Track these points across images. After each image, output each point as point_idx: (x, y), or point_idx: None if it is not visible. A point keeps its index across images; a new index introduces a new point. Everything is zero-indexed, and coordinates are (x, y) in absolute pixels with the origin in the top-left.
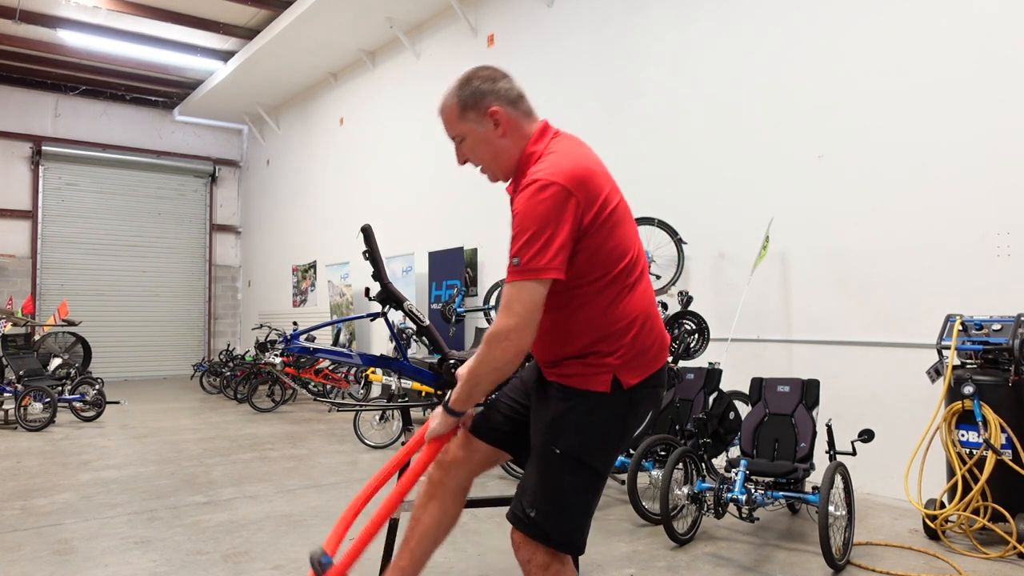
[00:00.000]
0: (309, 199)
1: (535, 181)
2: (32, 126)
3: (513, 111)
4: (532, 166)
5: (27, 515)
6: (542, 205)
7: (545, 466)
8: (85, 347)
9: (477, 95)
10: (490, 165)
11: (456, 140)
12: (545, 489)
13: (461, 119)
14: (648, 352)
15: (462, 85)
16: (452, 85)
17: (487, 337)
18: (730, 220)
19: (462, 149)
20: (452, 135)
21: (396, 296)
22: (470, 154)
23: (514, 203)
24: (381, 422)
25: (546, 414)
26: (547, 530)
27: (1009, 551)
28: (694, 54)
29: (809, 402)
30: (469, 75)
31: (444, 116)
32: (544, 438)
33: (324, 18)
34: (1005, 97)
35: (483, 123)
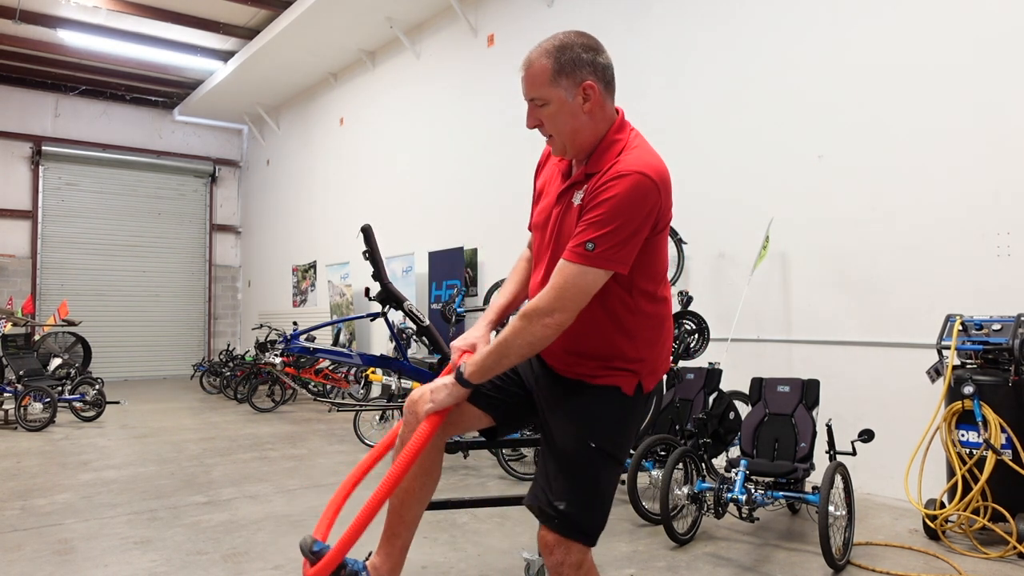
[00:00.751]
0: (309, 199)
1: (633, 173)
2: (32, 126)
3: (604, 90)
4: (618, 155)
5: (27, 515)
6: (636, 199)
7: (577, 459)
8: (85, 347)
9: (576, 63)
10: (566, 138)
11: (536, 102)
12: (578, 482)
13: (552, 83)
14: (666, 361)
15: (561, 48)
16: (547, 44)
17: (526, 312)
18: (730, 220)
19: (540, 113)
20: (534, 96)
21: (396, 296)
22: (548, 120)
23: (600, 187)
24: (381, 422)
25: (576, 408)
26: (580, 522)
27: (1009, 551)
28: (694, 54)
29: (809, 402)
30: (569, 39)
31: (531, 74)
32: (578, 432)
33: (324, 18)
34: (1005, 97)
35: (573, 94)
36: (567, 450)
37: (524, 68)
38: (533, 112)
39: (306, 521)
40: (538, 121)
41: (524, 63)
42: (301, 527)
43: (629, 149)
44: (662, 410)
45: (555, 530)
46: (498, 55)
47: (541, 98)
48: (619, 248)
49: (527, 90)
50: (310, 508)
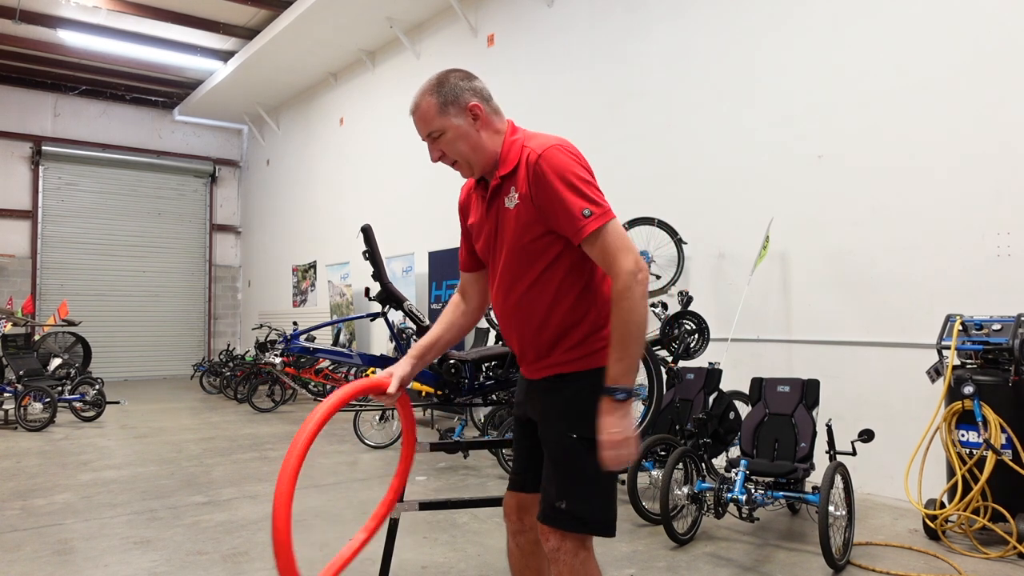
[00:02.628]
0: (309, 199)
1: (548, 146)
2: (32, 126)
3: (487, 107)
4: (523, 148)
5: (27, 515)
6: (570, 160)
7: (564, 455)
8: (85, 347)
9: (456, 91)
10: (468, 158)
11: (433, 136)
12: (569, 477)
13: (441, 114)
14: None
15: (439, 83)
16: (426, 85)
17: (621, 290)
18: (730, 220)
19: (438, 145)
20: (428, 131)
21: (396, 296)
22: (448, 148)
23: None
24: (381, 422)
25: (552, 406)
26: (580, 515)
27: (1009, 551)
28: (694, 54)
29: (809, 402)
30: (443, 75)
31: (420, 113)
32: (557, 428)
33: (324, 18)
34: (1005, 97)
35: (463, 118)
36: (556, 450)
37: (413, 112)
38: (433, 147)
39: (306, 521)
40: (440, 152)
41: (412, 108)
42: (301, 527)
43: (528, 139)
44: (662, 410)
45: (556, 527)
46: (498, 55)
47: (437, 130)
48: (601, 197)
49: (422, 129)
50: (310, 508)
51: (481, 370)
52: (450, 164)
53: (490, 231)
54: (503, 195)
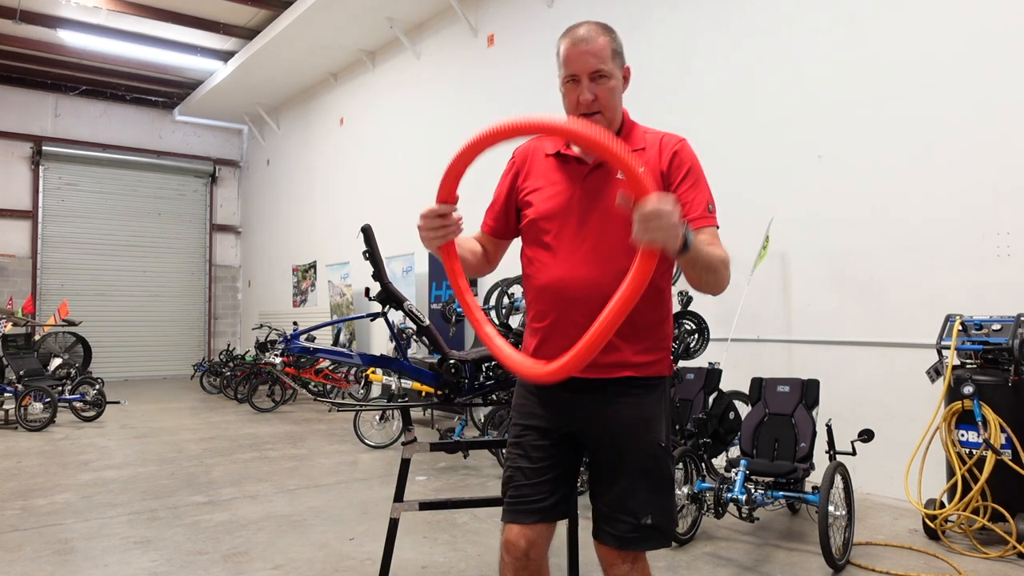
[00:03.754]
0: (309, 199)
1: (684, 139)
2: (32, 126)
3: None
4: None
5: (27, 515)
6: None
7: (651, 464)
8: (85, 347)
9: (621, 47)
10: (614, 114)
11: (595, 76)
12: (658, 487)
13: (613, 59)
14: None
15: (611, 31)
16: (597, 24)
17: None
18: (730, 220)
19: (599, 87)
20: (598, 68)
21: (396, 296)
22: (606, 95)
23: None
24: (381, 422)
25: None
26: (666, 528)
27: (1009, 551)
28: (694, 55)
29: (809, 402)
30: (608, 26)
31: (596, 48)
32: (645, 437)
33: (324, 18)
34: (1005, 97)
35: (621, 75)
36: (642, 460)
37: (582, 42)
38: (592, 86)
39: (307, 521)
40: (594, 95)
41: (580, 36)
42: (301, 527)
43: (647, 128)
44: None
45: (640, 548)
46: (498, 55)
47: (607, 72)
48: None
49: (592, 63)
50: (310, 508)
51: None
52: (590, 113)
53: (579, 197)
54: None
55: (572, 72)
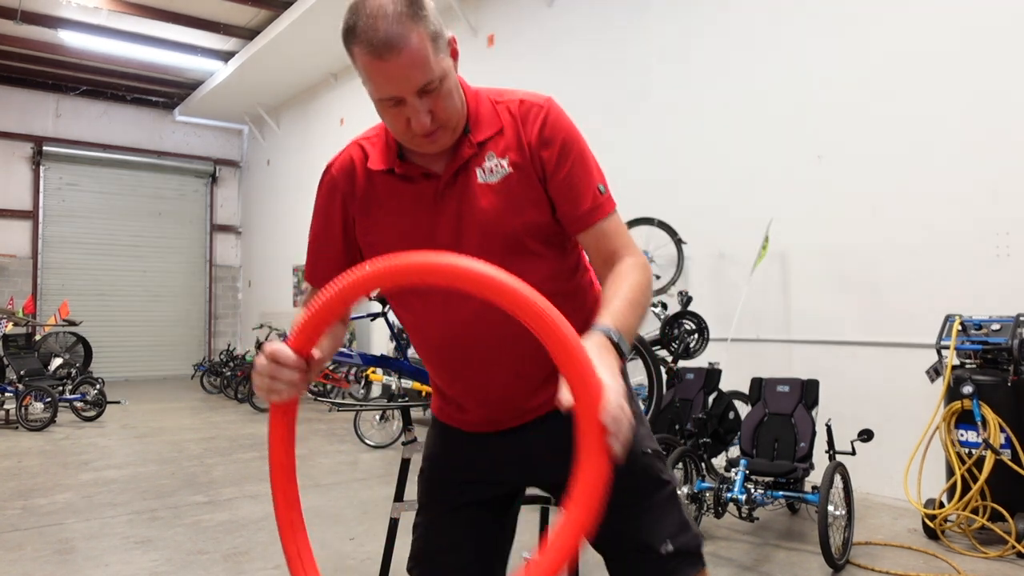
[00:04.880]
0: (309, 199)
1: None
2: (33, 126)
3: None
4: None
5: (28, 515)
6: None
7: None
8: (86, 347)
9: (435, 15)
10: (458, 116)
11: (428, 89)
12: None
13: (435, 52)
14: None
15: (416, 3)
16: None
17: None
18: (730, 220)
19: (435, 99)
20: (427, 81)
21: None
22: (444, 104)
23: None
24: (381, 422)
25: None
26: (691, 547)
27: (1008, 551)
28: (694, 54)
29: (809, 402)
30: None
31: (411, 57)
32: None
33: (324, 18)
34: (1005, 97)
35: (448, 56)
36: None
37: (388, 50)
38: (422, 105)
39: (307, 521)
40: (432, 111)
41: (382, 41)
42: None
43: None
44: (662, 410)
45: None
46: (498, 55)
47: (436, 78)
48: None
49: (416, 78)
50: (311, 508)
51: None
52: (426, 132)
53: (440, 222)
54: (475, 166)
55: (390, 95)
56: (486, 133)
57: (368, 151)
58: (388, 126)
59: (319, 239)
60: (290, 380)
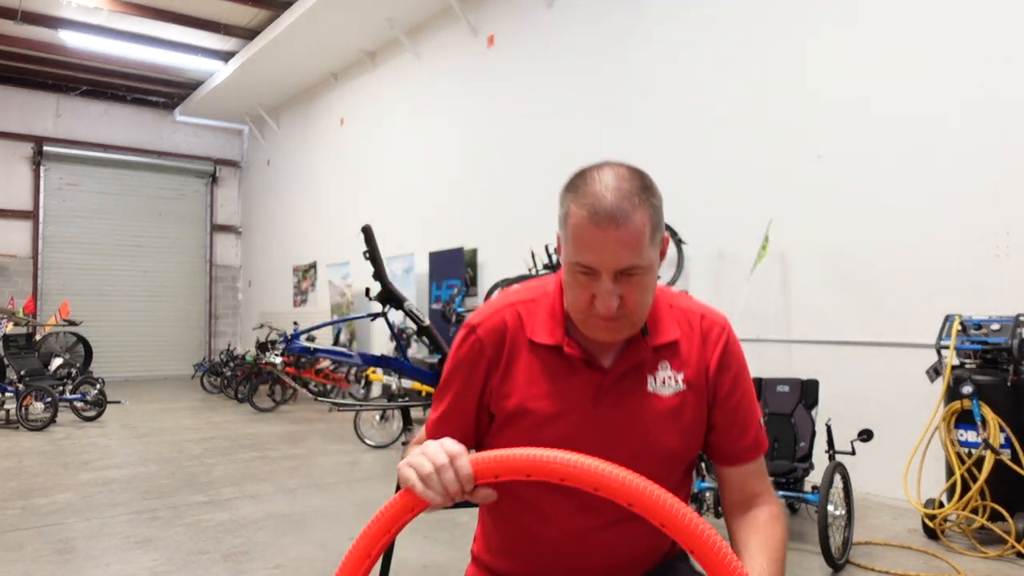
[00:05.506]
0: (309, 199)
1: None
2: (33, 126)
3: None
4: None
5: (28, 514)
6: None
7: None
8: (86, 347)
9: (661, 211)
10: (640, 317)
11: (631, 272)
12: None
13: (652, 241)
14: None
15: (651, 188)
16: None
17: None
18: (730, 220)
19: (630, 286)
20: (633, 264)
21: (396, 296)
22: (636, 297)
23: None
24: (381, 422)
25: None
26: None
27: (1008, 550)
28: (694, 54)
29: (808, 402)
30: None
31: (629, 235)
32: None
33: (324, 18)
34: (1005, 97)
35: (658, 255)
36: None
37: (608, 221)
38: (615, 288)
39: (307, 521)
40: (619, 299)
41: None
42: (302, 526)
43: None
44: None
45: None
46: (498, 55)
47: (644, 265)
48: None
49: (625, 256)
50: (311, 508)
51: None
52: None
53: (595, 420)
54: (648, 373)
55: (588, 264)
56: (664, 339)
57: (524, 318)
58: (568, 295)
59: (452, 405)
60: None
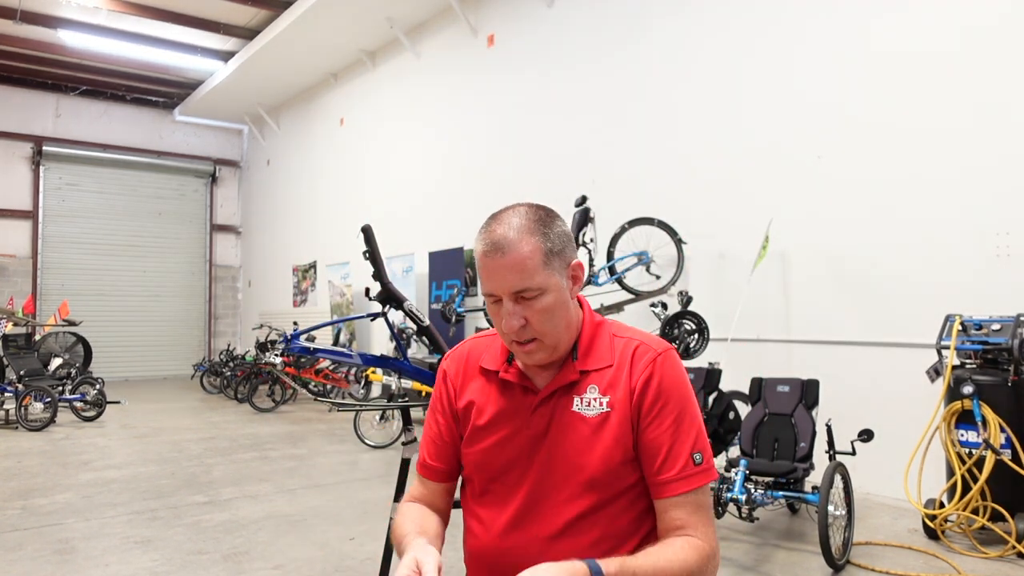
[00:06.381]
0: (309, 199)
1: (665, 348)
2: (33, 126)
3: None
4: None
5: (28, 515)
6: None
7: None
8: (86, 347)
9: (564, 237)
10: (559, 337)
11: (526, 296)
12: None
13: (546, 266)
14: None
15: (545, 221)
16: (521, 218)
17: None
18: (730, 220)
19: (530, 309)
20: (524, 287)
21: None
22: (541, 317)
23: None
24: (381, 422)
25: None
26: None
27: (1008, 551)
28: (694, 54)
29: (809, 402)
30: (544, 211)
31: (517, 258)
32: None
33: (324, 18)
34: (1005, 97)
35: (564, 277)
36: None
37: (496, 251)
38: (518, 309)
39: (307, 521)
40: (524, 320)
41: (495, 243)
42: (301, 527)
43: (618, 328)
44: None
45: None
46: (498, 55)
47: (536, 288)
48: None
49: (513, 280)
50: (311, 508)
51: None
52: (520, 341)
53: (534, 440)
54: (575, 394)
55: (488, 291)
56: (593, 364)
57: (481, 350)
58: (494, 324)
59: (431, 430)
60: None
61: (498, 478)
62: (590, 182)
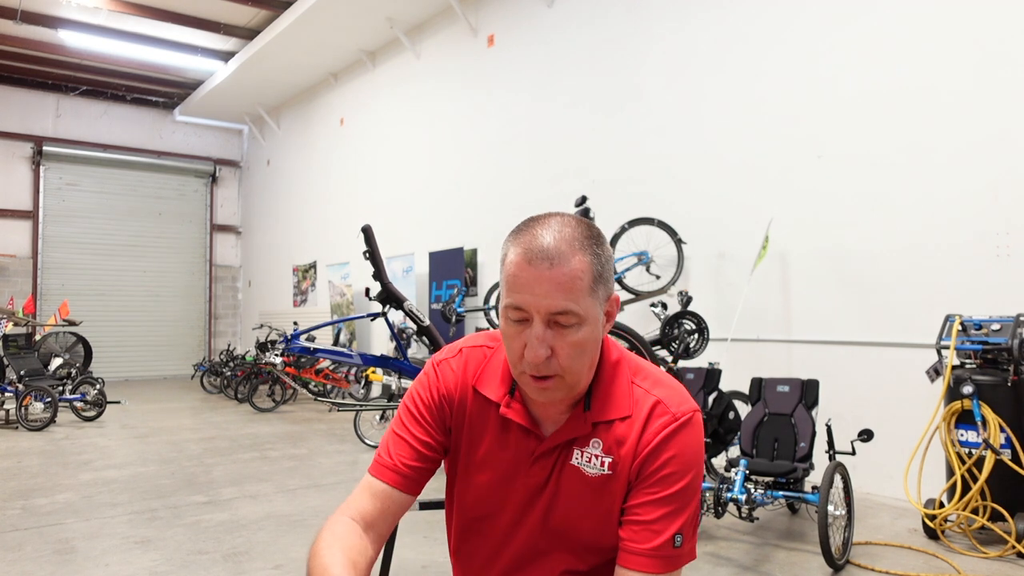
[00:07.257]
0: (309, 199)
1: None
2: (33, 126)
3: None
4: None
5: (28, 515)
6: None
7: None
8: (86, 347)
9: (610, 265)
10: (580, 376)
11: (563, 320)
12: None
13: (592, 292)
14: None
15: (598, 239)
16: (574, 231)
17: None
18: (730, 220)
19: (563, 339)
20: (566, 309)
21: (396, 296)
22: (569, 353)
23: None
24: (381, 422)
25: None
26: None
27: (1008, 550)
28: (694, 54)
29: (809, 402)
30: (593, 227)
31: (565, 273)
32: None
33: (324, 18)
34: (1005, 97)
35: (603, 311)
36: None
37: (542, 258)
38: (545, 335)
39: (307, 521)
40: (550, 351)
41: (544, 250)
42: (301, 527)
43: (640, 373)
44: None
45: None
46: (498, 55)
47: (579, 314)
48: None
49: (557, 298)
50: (311, 508)
51: None
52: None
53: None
54: (576, 445)
55: (519, 304)
56: (606, 415)
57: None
58: (506, 346)
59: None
60: None
61: (486, 519)
62: (590, 182)
